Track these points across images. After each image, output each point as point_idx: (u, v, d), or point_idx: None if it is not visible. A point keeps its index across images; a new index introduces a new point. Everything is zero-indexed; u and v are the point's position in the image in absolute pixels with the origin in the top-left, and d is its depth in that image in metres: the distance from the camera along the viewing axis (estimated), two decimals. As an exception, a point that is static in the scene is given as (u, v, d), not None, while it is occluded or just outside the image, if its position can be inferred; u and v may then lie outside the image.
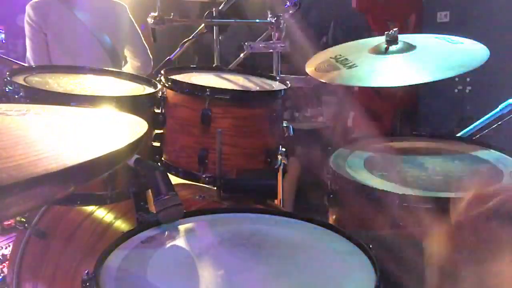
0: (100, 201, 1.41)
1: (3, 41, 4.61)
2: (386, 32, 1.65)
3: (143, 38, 2.90)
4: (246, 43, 2.11)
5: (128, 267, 0.94)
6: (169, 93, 1.53)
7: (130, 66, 2.93)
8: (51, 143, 0.62)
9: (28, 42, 2.58)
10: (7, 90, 1.32)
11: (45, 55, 2.53)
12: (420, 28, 4.27)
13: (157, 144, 1.55)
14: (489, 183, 1.14)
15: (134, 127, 0.74)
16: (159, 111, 1.52)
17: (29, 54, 2.59)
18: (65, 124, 0.75)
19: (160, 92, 1.52)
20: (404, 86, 1.48)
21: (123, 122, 0.81)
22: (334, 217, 1.44)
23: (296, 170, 3.89)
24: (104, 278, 0.89)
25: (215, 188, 1.50)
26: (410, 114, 4.15)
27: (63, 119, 0.79)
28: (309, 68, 1.73)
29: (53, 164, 0.52)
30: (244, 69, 1.97)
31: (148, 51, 2.93)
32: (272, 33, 2.07)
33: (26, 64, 2.60)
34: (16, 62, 2.63)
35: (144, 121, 0.77)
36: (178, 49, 2.47)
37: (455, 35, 1.68)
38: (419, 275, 1.05)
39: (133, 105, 1.43)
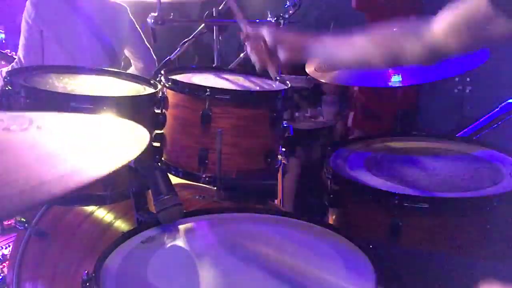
0: (100, 201, 1.41)
1: (3, 41, 4.61)
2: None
3: (145, 39, 2.89)
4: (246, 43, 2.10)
5: (128, 267, 0.94)
6: (169, 93, 1.52)
7: (134, 67, 2.93)
8: (54, 163, 0.62)
9: (22, 40, 2.57)
10: (7, 90, 1.32)
11: (38, 55, 2.52)
12: (420, 28, 4.25)
13: (157, 144, 1.55)
14: None
15: (136, 138, 0.73)
16: (159, 111, 1.52)
17: (20, 52, 2.58)
18: (67, 139, 0.75)
19: (160, 92, 1.52)
20: (404, 86, 1.48)
21: (124, 131, 0.80)
22: (334, 217, 1.44)
23: (296, 170, 3.89)
24: (104, 278, 0.89)
25: (215, 188, 1.50)
26: (410, 114, 4.14)
27: (65, 131, 0.78)
28: (309, 68, 1.73)
29: (56, 189, 0.52)
30: (244, 69, 1.97)
31: (152, 51, 2.92)
32: (272, 33, 2.07)
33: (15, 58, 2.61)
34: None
35: (144, 129, 0.77)
36: (178, 49, 2.47)
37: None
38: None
39: (133, 105, 1.43)
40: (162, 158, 1.56)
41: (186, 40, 2.44)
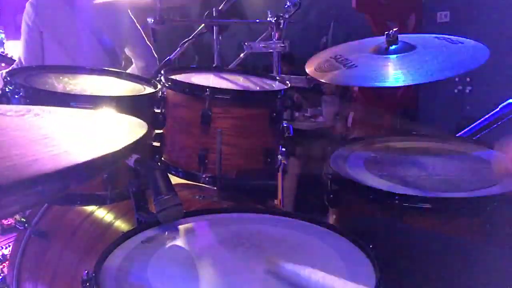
0: (100, 201, 1.41)
1: (3, 41, 4.62)
2: (386, 32, 1.65)
3: (146, 39, 2.90)
4: (246, 43, 2.11)
5: (128, 267, 0.94)
6: (169, 93, 1.52)
7: (135, 67, 2.93)
8: (49, 144, 0.62)
9: (22, 41, 2.57)
10: (7, 90, 1.32)
11: (38, 57, 2.52)
12: (420, 28, 4.27)
13: (157, 144, 1.55)
14: None
15: (134, 128, 0.73)
16: (159, 111, 1.52)
17: (21, 53, 2.58)
18: (63, 125, 0.75)
19: (160, 92, 1.52)
20: (404, 86, 1.48)
21: (122, 123, 0.80)
22: (334, 217, 1.44)
23: (296, 170, 3.89)
24: (104, 278, 0.89)
25: (215, 188, 1.50)
26: (410, 114, 4.15)
27: (62, 120, 0.79)
28: (309, 68, 1.73)
29: (49, 165, 0.52)
30: (244, 69, 1.97)
31: (153, 51, 2.92)
32: (272, 33, 2.07)
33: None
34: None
35: (143, 122, 0.77)
36: (178, 49, 2.47)
37: (455, 35, 1.68)
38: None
39: (133, 105, 1.43)
40: (162, 158, 1.56)
41: (186, 40, 2.44)
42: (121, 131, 0.75)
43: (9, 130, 0.67)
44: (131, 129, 0.74)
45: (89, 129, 0.76)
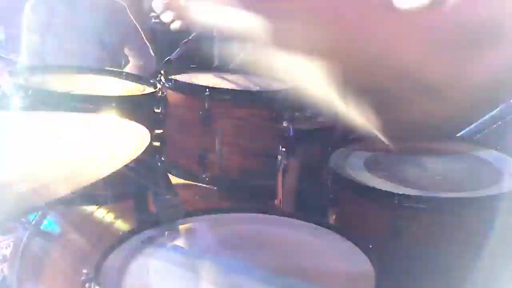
0: (100, 201, 1.41)
1: (3, 42, 4.62)
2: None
3: (144, 37, 2.89)
4: (246, 43, 2.11)
5: (128, 267, 0.94)
6: (169, 93, 1.53)
7: (132, 65, 2.92)
8: (55, 165, 0.62)
9: (22, 42, 2.57)
10: (7, 90, 1.32)
11: (38, 58, 2.52)
12: (420, 28, 4.26)
13: (157, 144, 1.55)
14: None
15: (138, 137, 0.74)
16: (159, 111, 1.52)
17: (21, 54, 2.58)
18: (68, 140, 0.75)
19: (160, 92, 1.52)
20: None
21: (126, 130, 0.80)
22: (334, 217, 1.44)
23: (296, 170, 3.88)
24: (104, 278, 0.89)
25: (215, 188, 1.50)
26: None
27: (66, 133, 0.78)
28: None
29: (58, 191, 0.52)
30: (244, 69, 1.97)
31: (150, 49, 2.92)
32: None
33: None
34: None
35: (144, 128, 0.77)
36: (178, 49, 2.47)
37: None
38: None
39: (133, 105, 1.43)
40: (162, 158, 1.56)
41: (186, 40, 2.44)
42: (124, 143, 0.75)
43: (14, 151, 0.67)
44: (134, 138, 0.74)
45: (93, 143, 0.76)
